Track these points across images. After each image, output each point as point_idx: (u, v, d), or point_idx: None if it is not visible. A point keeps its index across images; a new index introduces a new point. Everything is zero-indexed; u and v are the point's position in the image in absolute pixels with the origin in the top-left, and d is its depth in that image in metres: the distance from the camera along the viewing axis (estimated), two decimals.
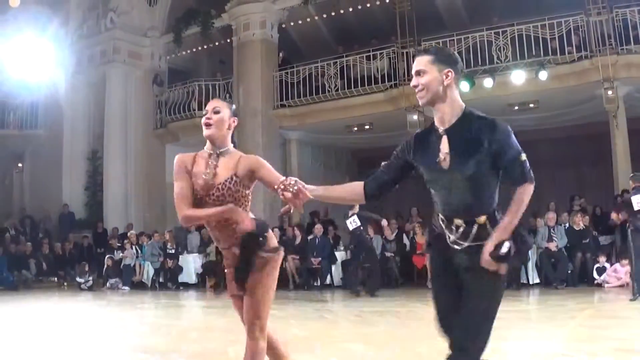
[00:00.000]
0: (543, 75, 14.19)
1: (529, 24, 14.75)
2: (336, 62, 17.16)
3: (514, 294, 11.97)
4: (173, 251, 17.10)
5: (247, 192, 3.62)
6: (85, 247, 19.22)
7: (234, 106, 3.82)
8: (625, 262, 11.59)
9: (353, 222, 13.20)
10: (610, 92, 13.83)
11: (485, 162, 2.96)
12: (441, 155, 3.02)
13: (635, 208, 10.11)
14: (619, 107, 14.15)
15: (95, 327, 7.18)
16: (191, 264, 17.20)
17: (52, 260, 18.80)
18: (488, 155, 2.96)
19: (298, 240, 15.58)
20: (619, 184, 13.84)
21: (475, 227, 3.03)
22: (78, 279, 17.27)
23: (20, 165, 23.17)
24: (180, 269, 17.09)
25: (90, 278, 17.43)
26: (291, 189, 3.19)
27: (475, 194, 3.01)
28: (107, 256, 17.77)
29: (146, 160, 19.71)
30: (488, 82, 14.72)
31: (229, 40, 18.84)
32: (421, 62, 3.11)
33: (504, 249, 2.94)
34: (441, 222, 3.16)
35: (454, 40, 15.50)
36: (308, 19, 18.63)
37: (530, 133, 17.49)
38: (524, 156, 3.01)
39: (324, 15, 18.38)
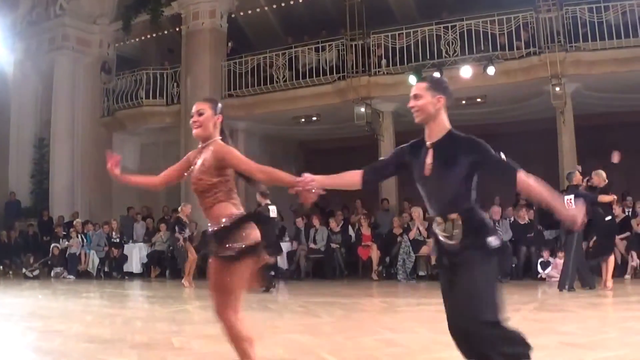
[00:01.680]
0: (491, 70, 13.49)
1: (478, 19, 14.06)
2: (285, 52, 16.14)
3: None
4: (118, 240, 16.26)
5: (215, 180, 3.59)
6: (31, 236, 18.12)
7: (219, 105, 3.80)
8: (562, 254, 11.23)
9: (273, 212, 12.04)
10: (558, 89, 13.27)
11: (461, 172, 3.34)
12: (426, 164, 3.42)
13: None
14: (566, 104, 13.60)
15: (40, 316, 6.87)
16: (136, 254, 16.42)
17: None
18: (465, 167, 3.33)
19: None
20: (564, 180, 13.13)
21: (450, 222, 3.40)
22: (24, 270, 16.19)
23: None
24: (125, 258, 16.31)
25: (36, 267, 16.33)
26: (311, 189, 3.50)
27: (449, 196, 3.39)
28: (53, 245, 16.83)
29: (93, 148, 18.24)
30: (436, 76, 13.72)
31: (178, 29, 17.66)
32: (419, 87, 3.50)
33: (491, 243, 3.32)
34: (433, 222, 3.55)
35: (403, 33, 14.75)
36: (258, 9, 17.53)
37: (477, 128, 16.54)
38: (503, 155, 3.35)
39: (274, 6, 17.32)
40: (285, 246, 14.89)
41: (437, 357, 5.14)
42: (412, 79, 13.81)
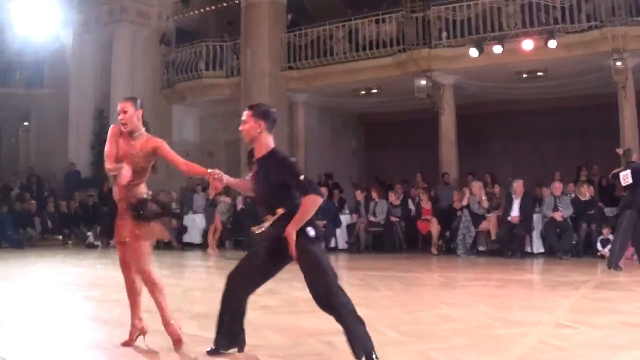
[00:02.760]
0: (552, 44, 14.33)
1: None
2: (345, 25, 17.41)
3: (518, 263, 12.26)
4: (178, 211, 17.36)
5: (147, 165, 5.07)
6: (91, 206, 19.57)
7: (138, 101, 5.30)
8: None
9: None
10: (619, 63, 13.97)
11: (277, 183, 4.45)
12: (253, 175, 4.63)
13: (623, 184, 10.43)
14: (627, 79, 14.31)
15: (99, 285, 7.38)
16: (196, 224, 17.57)
17: (57, 218, 19.18)
18: (277, 178, 4.43)
19: None
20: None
21: (271, 219, 4.57)
22: (90, 240, 17.94)
23: (26, 124, 23.65)
24: (185, 229, 17.45)
25: (98, 236, 18.13)
26: (219, 180, 4.78)
27: (270, 200, 4.57)
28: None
29: (152, 120, 19.41)
30: (497, 49, 14.90)
31: (237, 1, 19.07)
32: (246, 114, 4.65)
33: (311, 232, 4.54)
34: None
35: (463, 5, 15.72)
36: None
37: (537, 102, 17.82)
38: (302, 177, 4.36)
39: None
40: (345, 219, 16.14)
41: (495, 334, 5.48)
42: (473, 52, 15.00)
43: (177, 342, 5.05)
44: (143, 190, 5.06)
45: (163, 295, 5.13)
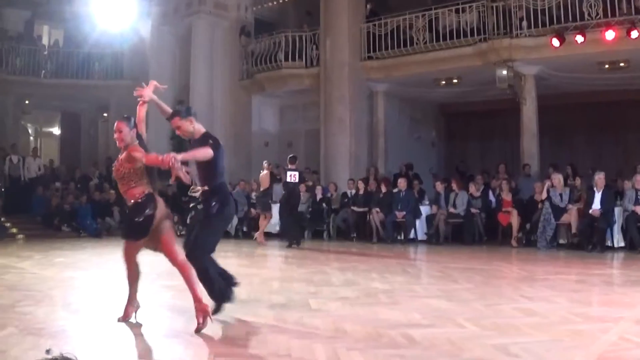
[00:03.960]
0: (634, 34, 15.38)
1: None
2: (425, 14, 18.96)
3: (598, 257, 13.05)
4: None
5: (130, 169, 6.32)
6: (170, 196, 21.55)
7: (132, 120, 6.52)
8: None
9: (292, 177, 15.79)
10: None
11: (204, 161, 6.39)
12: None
13: None
14: None
15: (177, 274, 7.53)
16: (275, 214, 18.32)
17: None
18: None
19: (383, 194, 17.55)
20: None
21: (200, 190, 6.57)
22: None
23: (105, 115, 26.11)
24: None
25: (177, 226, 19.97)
26: (174, 165, 5.81)
27: (200, 174, 6.57)
28: (192, 205, 20.00)
29: (232, 111, 22.27)
30: (579, 39, 16.09)
31: None
32: (175, 122, 6.71)
33: (213, 209, 6.45)
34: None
35: None
36: None
37: (619, 93, 18.98)
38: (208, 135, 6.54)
39: None
40: (425, 210, 17.41)
41: (576, 329, 5.80)
42: (555, 42, 16.31)
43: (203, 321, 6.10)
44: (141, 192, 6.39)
45: (192, 274, 6.29)
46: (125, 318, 6.42)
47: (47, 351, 4.89)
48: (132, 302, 6.50)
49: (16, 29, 26.59)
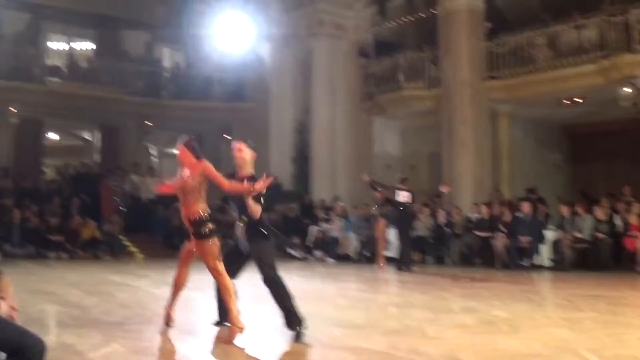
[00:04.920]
0: None
1: None
2: (544, 32, 20.20)
3: None
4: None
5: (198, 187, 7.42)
6: (292, 219, 23.48)
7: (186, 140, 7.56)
8: None
9: (404, 197, 17.09)
10: None
11: None
12: None
13: None
14: None
15: (295, 297, 7.57)
16: (396, 238, 19.14)
17: None
18: None
19: (507, 218, 18.42)
20: None
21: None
22: (289, 250, 21.74)
23: (227, 136, 28.51)
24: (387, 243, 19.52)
25: (299, 248, 21.98)
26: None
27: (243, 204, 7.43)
28: (313, 227, 22.04)
29: (353, 132, 24.37)
30: None
31: (435, 12, 22.55)
32: (240, 145, 7.65)
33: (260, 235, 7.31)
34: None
35: None
36: None
37: None
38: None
39: None
40: (550, 235, 18.02)
41: None
42: None
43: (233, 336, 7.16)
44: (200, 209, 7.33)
45: (230, 294, 7.26)
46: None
47: None
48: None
49: (136, 51, 29.55)
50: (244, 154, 7.60)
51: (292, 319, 7.08)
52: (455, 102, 21.35)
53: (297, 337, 6.98)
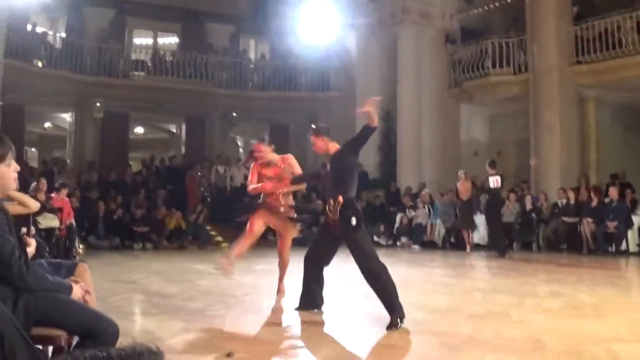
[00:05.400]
0: None
1: None
2: (632, 15, 20.72)
3: None
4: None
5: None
6: (378, 206, 24.58)
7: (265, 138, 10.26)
8: None
9: (495, 182, 17.62)
10: None
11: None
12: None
13: None
14: None
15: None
16: (482, 224, 20.62)
17: None
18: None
19: (594, 203, 18.91)
20: None
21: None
22: (376, 238, 22.55)
23: (313, 126, 29.70)
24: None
25: (384, 235, 22.99)
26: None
27: (334, 185, 8.19)
28: (399, 215, 22.99)
29: (440, 120, 25.35)
30: None
31: None
32: (311, 138, 8.70)
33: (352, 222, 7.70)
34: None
35: None
36: None
37: None
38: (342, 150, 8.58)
39: None
40: (638, 220, 18.70)
41: None
42: None
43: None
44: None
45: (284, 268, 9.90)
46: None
47: (228, 355, 5.90)
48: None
49: (221, 43, 30.94)
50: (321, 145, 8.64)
51: (393, 311, 7.44)
52: (542, 87, 22.04)
53: (393, 327, 7.32)
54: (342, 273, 9.41)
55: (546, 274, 13.71)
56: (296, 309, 8.46)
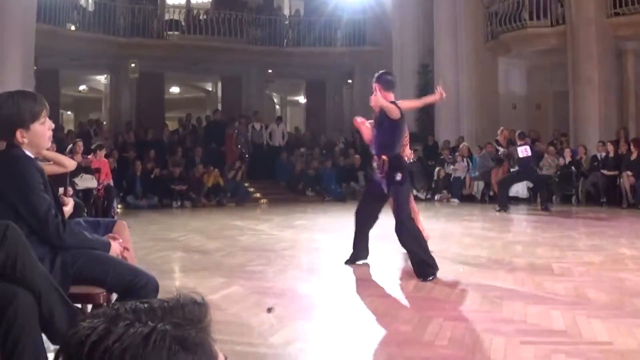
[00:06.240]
0: None
1: None
2: None
3: None
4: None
5: None
6: (415, 161, 24.63)
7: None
8: None
9: (524, 152, 17.90)
10: None
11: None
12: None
13: None
14: None
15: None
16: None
17: None
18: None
19: (634, 157, 18.92)
20: None
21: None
22: (415, 192, 23.00)
23: (349, 81, 30.19)
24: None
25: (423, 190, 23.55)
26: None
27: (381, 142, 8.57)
28: (438, 169, 23.46)
29: (477, 73, 25.50)
30: None
31: None
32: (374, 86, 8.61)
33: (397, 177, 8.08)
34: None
35: None
36: None
37: None
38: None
39: None
40: None
41: None
42: None
43: None
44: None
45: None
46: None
47: (269, 310, 5.97)
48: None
49: (256, 0, 31.25)
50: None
51: (423, 268, 7.81)
52: (580, 39, 22.13)
53: (421, 278, 7.71)
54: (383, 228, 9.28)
55: (586, 227, 13.94)
56: (345, 263, 8.77)
